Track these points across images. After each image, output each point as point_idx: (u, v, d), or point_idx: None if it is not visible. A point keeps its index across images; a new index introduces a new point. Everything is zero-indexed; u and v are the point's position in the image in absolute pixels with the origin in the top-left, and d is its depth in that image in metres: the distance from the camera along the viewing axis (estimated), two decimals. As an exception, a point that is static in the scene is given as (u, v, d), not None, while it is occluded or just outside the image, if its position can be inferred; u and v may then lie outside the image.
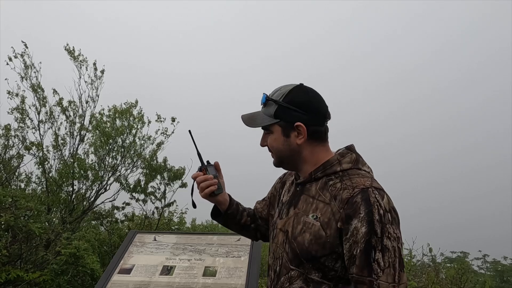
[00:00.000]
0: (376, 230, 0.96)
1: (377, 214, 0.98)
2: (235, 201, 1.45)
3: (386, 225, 0.97)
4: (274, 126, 1.17)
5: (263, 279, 5.94)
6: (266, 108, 1.18)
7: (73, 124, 6.27)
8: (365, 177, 1.08)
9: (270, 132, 1.19)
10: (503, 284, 7.79)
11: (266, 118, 1.17)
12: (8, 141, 6.16)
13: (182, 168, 6.43)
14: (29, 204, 4.15)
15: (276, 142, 1.18)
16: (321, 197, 1.10)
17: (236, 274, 1.24)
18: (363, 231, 0.97)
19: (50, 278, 3.92)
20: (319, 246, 1.04)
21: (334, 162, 1.14)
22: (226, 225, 1.43)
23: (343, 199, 1.03)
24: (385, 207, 1.00)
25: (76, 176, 5.94)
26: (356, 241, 0.98)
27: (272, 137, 1.19)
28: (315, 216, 1.08)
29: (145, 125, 6.68)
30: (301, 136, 1.14)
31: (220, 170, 1.41)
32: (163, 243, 1.42)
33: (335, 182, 1.10)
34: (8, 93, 5.94)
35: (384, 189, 1.06)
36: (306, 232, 1.08)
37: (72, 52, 6.31)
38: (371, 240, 0.96)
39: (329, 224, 1.04)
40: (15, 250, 3.96)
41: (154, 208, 6.35)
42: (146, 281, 1.22)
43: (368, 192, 1.02)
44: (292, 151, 1.16)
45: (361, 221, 0.98)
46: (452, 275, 5.27)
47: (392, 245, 0.97)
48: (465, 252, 8.36)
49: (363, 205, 0.99)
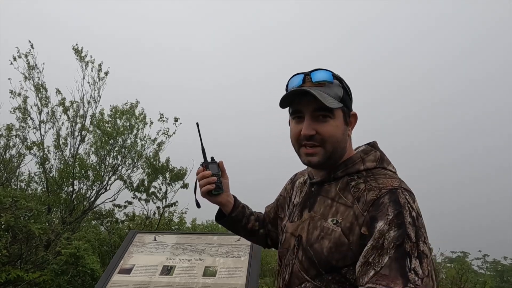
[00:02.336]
0: (409, 234, 0.82)
1: (409, 216, 0.84)
2: (241, 203, 1.33)
3: (420, 228, 0.83)
4: (338, 111, 0.99)
5: (263, 279, 5.94)
6: (330, 89, 0.98)
7: (74, 124, 6.29)
8: (392, 178, 0.95)
9: (330, 117, 0.98)
10: (503, 284, 7.79)
11: (333, 100, 0.98)
12: (9, 141, 6.17)
13: (183, 168, 6.44)
14: (29, 204, 4.15)
15: (338, 129, 0.99)
16: (342, 200, 0.97)
17: (236, 274, 1.24)
18: (393, 235, 0.82)
19: (50, 278, 3.92)
20: (340, 255, 0.90)
21: (356, 160, 1.01)
22: (232, 229, 1.32)
23: (368, 201, 0.90)
24: (417, 210, 0.87)
25: (76, 176, 5.94)
26: (376, 246, 0.83)
27: (333, 123, 0.98)
28: (335, 221, 0.94)
29: (146, 125, 6.69)
30: (351, 127, 1.03)
31: (224, 170, 1.29)
32: (163, 243, 1.42)
33: (358, 182, 0.97)
34: (10, 92, 5.96)
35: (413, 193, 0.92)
36: (324, 239, 0.94)
37: (79, 52, 6.35)
38: (404, 245, 0.80)
39: (352, 230, 0.89)
40: (15, 250, 3.97)
41: (155, 208, 6.36)
42: (146, 281, 1.22)
43: (397, 193, 0.88)
44: (345, 143, 1.02)
45: (389, 223, 0.83)
46: (452, 275, 5.27)
47: (429, 251, 0.82)
48: (465, 252, 8.35)
49: (391, 206, 0.85)
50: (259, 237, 1.33)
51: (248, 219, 1.31)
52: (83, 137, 6.37)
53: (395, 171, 1.03)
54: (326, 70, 1.01)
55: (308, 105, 0.98)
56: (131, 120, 6.56)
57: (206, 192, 1.22)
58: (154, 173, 6.29)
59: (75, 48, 6.37)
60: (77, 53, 6.36)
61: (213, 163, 1.25)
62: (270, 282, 5.78)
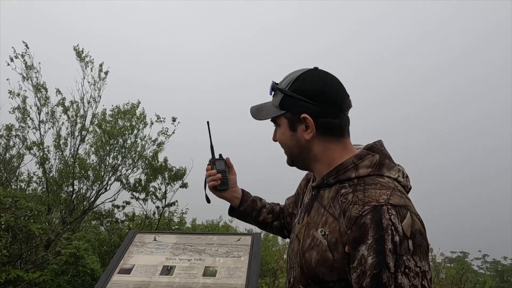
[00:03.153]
0: (388, 263, 0.75)
1: (391, 242, 0.76)
2: (252, 197, 1.38)
3: (402, 256, 0.76)
4: (281, 118, 1.01)
5: (263, 279, 5.95)
6: (274, 98, 1.03)
7: (74, 124, 6.29)
8: (383, 189, 0.86)
9: (278, 125, 1.04)
10: (503, 284, 7.79)
11: (273, 109, 1.02)
12: (9, 141, 6.18)
13: (182, 168, 6.44)
14: (29, 204, 4.15)
15: (283, 136, 1.02)
16: (331, 209, 0.92)
17: (236, 274, 1.24)
18: (370, 263, 0.77)
19: (50, 278, 3.92)
20: (326, 269, 0.87)
21: (348, 166, 0.94)
22: (243, 221, 1.40)
23: (351, 217, 0.84)
24: (404, 232, 0.77)
25: (76, 176, 5.95)
26: (364, 272, 0.78)
27: (279, 130, 1.03)
28: (323, 232, 0.90)
29: (147, 125, 6.69)
30: (309, 130, 0.96)
31: (231, 166, 1.35)
32: (163, 243, 1.42)
33: (347, 191, 0.91)
34: (9, 92, 5.97)
35: (408, 206, 0.83)
36: (313, 250, 0.91)
37: (80, 53, 6.37)
38: (381, 275, 0.75)
39: (336, 246, 0.85)
40: (15, 250, 3.97)
41: (155, 208, 6.36)
42: (146, 281, 1.22)
43: (381, 211, 0.80)
44: (301, 148, 1.00)
45: (368, 249, 0.78)
46: (452, 275, 5.27)
47: (410, 284, 0.75)
48: (465, 252, 8.35)
49: (372, 229, 0.79)
50: (273, 229, 1.38)
51: (259, 212, 1.36)
52: (83, 137, 6.37)
53: (397, 177, 0.93)
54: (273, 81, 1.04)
55: None
56: (132, 121, 6.56)
57: (211, 188, 1.31)
58: (153, 173, 6.29)
59: (76, 49, 6.38)
60: (77, 54, 6.37)
61: (221, 160, 1.33)
62: (270, 282, 5.79)
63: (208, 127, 1.33)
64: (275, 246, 8.61)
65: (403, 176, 0.95)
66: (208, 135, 1.33)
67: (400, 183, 0.93)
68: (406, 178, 0.96)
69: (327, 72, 1.01)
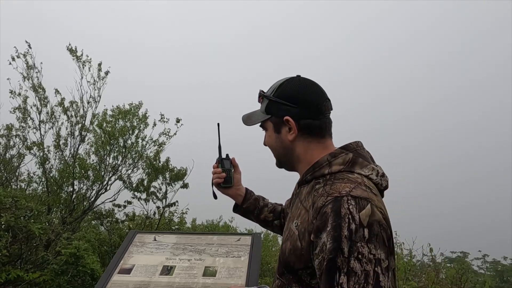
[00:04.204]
0: (342, 248, 0.81)
1: (347, 229, 0.82)
2: (255, 196, 1.46)
3: (357, 243, 0.81)
4: (267, 122, 1.12)
5: (263, 279, 5.95)
6: (261, 105, 1.14)
7: (74, 124, 6.29)
8: (348, 182, 0.92)
9: (265, 129, 1.14)
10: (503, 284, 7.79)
11: (261, 115, 1.13)
12: (9, 141, 6.18)
13: (183, 168, 6.44)
14: (29, 204, 4.16)
15: (270, 139, 1.13)
16: (305, 203, 1.00)
17: (236, 274, 1.24)
18: (327, 248, 0.83)
19: (50, 278, 3.92)
20: (296, 257, 0.95)
21: (323, 163, 1.02)
22: (246, 218, 1.47)
23: (317, 207, 0.91)
24: (361, 220, 0.83)
25: (76, 176, 5.95)
26: (324, 258, 0.84)
27: (266, 134, 1.14)
28: (296, 224, 0.99)
29: (148, 126, 6.68)
30: (292, 132, 1.06)
31: (236, 166, 1.45)
32: (163, 243, 1.42)
33: (320, 186, 0.98)
34: (10, 92, 5.97)
35: (370, 198, 0.88)
36: (288, 240, 1.00)
37: (75, 52, 6.32)
38: (336, 259, 0.81)
39: (304, 235, 0.93)
40: (15, 250, 3.97)
41: (155, 208, 6.36)
42: (146, 281, 1.22)
43: (341, 201, 0.86)
44: (285, 149, 1.09)
45: (327, 235, 0.84)
46: (452, 275, 5.28)
47: (362, 269, 0.80)
48: (465, 252, 8.34)
49: (331, 217, 0.85)
50: (273, 227, 1.45)
51: (261, 211, 1.44)
52: (83, 137, 6.37)
53: (369, 174, 0.98)
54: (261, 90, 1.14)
55: None
56: (133, 121, 6.55)
57: (216, 184, 1.40)
58: (154, 173, 6.29)
59: (69, 48, 6.29)
60: (72, 53, 6.29)
61: (227, 159, 1.43)
62: (270, 282, 5.79)
63: (218, 129, 1.44)
64: (275, 246, 8.61)
65: (377, 175, 1.00)
66: (217, 136, 1.43)
67: (371, 180, 0.98)
68: (382, 177, 1.01)
69: (308, 79, 1.11)
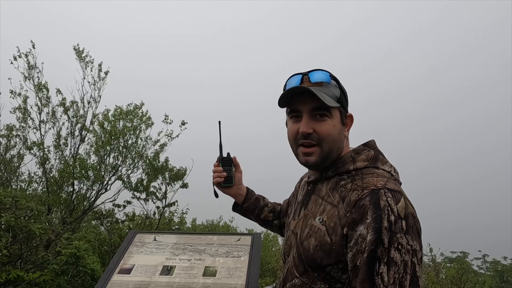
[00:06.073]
0: (383, 239, 0.82)
1: (387, 221, 0.83)
2: (255, 196, 1.45)
3: (396, 234, 0.82)
4: (336, 111, 1.01)
5: (263, 279, 5.95)
6: (327, 89, 1.00)
7: (74, 124, 6.29)
8: (379, 177, 0.94)
9: (328, 116, 1.00)
10: (503, 284, 7.79)
11: (331, 99, 0.99)
12: (9, 141, 6.18)
13: (183, 168, 6.44)
14: (29, 204, 4.15)
15: (335, 129, 1.01)
16: (330, 199, 0.98)
17: (236, 274, 1.24)
18: (368, 240, 0.84)
19: (50, 278, 3.92)
20: (324, 253, 0.93)
21: (347, 159, 1.02)
22: (246, 217, 1.46)
23: (351, 201, 0.91)
24: (399, 212, 0.84)
25: (76, 176, 5.94)
26: (360, 250, 0.85)
27: (330, 122, 1.00)
28: (321, 220, 0.97)
29: (149, 126, 6.67)
30: (347, 128, 1.06)
31: (237, 165, 1.43)
32: (163, 243, 1.42)
33: (346, 182, 0.98)
34: (11, 92, 5.97)
35: (402, 192, 0.91)
36: (311, 237, 0.97)
37: (80, 52, 6.36)
38: (377, 250, 0.82)
39: (335, 230, 0.92)
40: (15, 250, 3.97)
41: (155, 208, 6.36)
42: (146, 281, 1.22)
43: (379, 194, 0.87)
44: (342, 143, 1.03)
45: (367, 227, 0.85)
46: (452, 275, 5.27)
47: (402, 259, 0.81)
48: (465, 252, 8.35)
49: (371, 209, 0.86)
50: (273, 227, 1.45)
51: (261, 210, 1.43)
52: (83, 137, 6.37)
53: (390, 171, 1.00)
54: (324, 70, 1.03)
55: (306, 104, 1.00)
56: (134, 121, 6.55)
57: (216, 184, 1.38)
58: (154, 173, 6.29)
59: (76, 49, 6.38)
60: (77, 54, 6.36)
61: (228, 159, 1.41)
62: (270, 282, 5.79)
63: (219, 127, 1.40)
64: (275, 246, 8.61)
65: (395, 172, 1.03)
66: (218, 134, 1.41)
67: (393, 176, 1.00)
68: (397, 174, 1.04)
69: None
